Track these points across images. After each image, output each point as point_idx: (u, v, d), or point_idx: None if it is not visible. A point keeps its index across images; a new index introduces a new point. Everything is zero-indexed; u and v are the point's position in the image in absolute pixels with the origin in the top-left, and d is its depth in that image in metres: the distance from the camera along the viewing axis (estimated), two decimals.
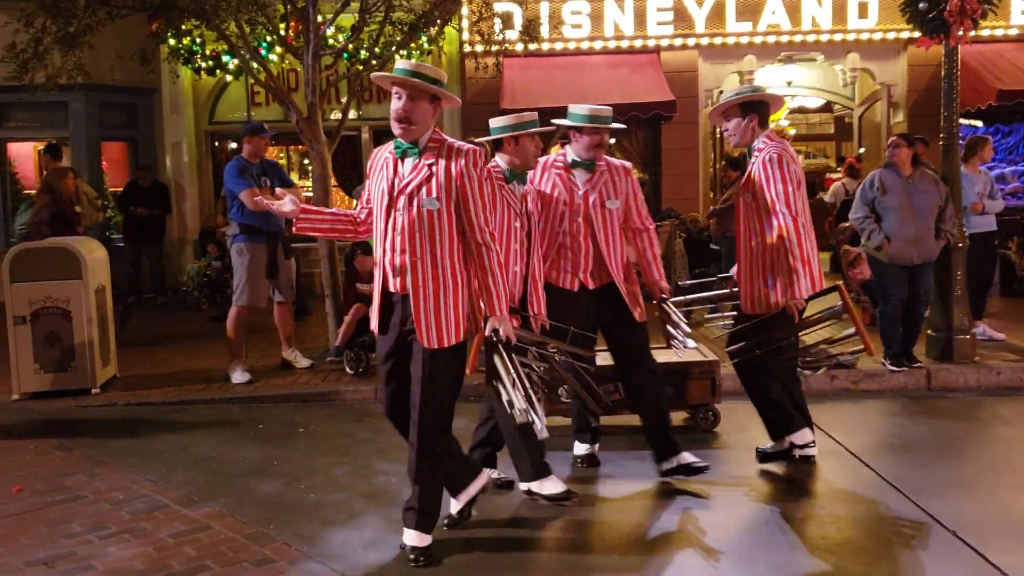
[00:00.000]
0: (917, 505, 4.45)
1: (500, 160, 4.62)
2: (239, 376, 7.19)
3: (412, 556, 3.90)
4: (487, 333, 3.80)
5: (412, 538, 3.93)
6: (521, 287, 4.57)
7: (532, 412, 3.73)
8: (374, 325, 4.00)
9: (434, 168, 3.78)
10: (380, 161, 3.94)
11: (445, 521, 4.25)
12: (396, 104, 3.80)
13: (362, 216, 4.10)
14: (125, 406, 6.82)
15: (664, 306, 4.98)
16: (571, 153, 4.86)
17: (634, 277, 4.92)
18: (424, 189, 3.77)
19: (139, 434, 6.11)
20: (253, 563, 3.95)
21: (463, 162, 3.78)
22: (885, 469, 5.01)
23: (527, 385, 3.76)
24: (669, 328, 4.99)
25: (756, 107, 4.97)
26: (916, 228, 6.81)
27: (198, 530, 4.34)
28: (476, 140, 6.38)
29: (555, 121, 4.92)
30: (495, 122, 4.68)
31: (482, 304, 3.85)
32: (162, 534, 4.29)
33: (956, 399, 6.62)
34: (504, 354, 3.77)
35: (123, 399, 6.93)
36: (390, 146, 3.91)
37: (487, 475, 4.31)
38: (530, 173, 4.75)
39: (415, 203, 3.77)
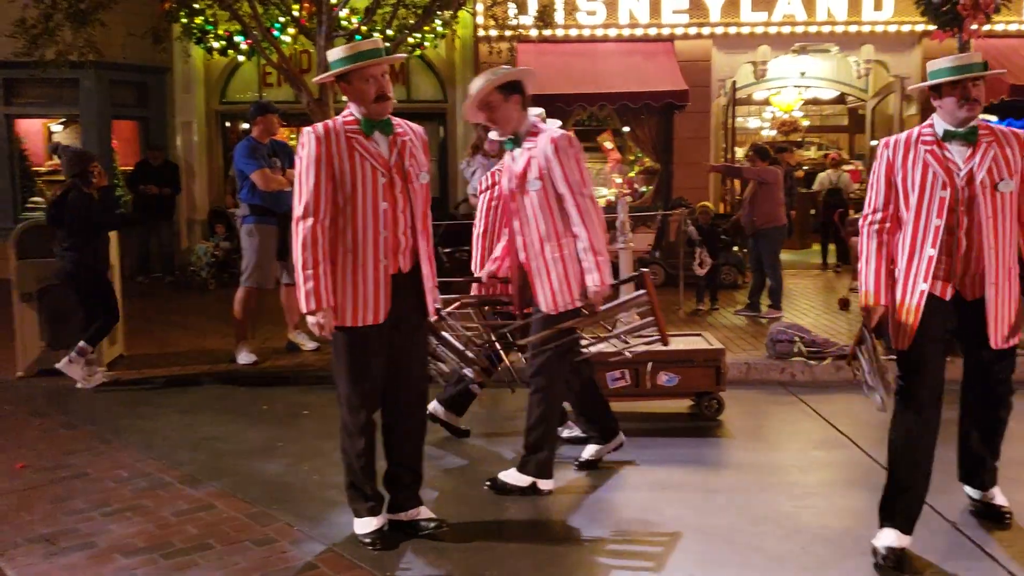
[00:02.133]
0: None
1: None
2: (245, 357, 7.20)
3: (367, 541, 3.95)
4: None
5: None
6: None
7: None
8: (372, 316, 3.80)
9: (412, 144, 3.91)
10: (341, 142, 3.73)
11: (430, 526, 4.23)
12: (379, 86, 3.81)
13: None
14: (131, 385, 6.85)
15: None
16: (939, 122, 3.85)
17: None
18: (417, 166, 3.89)
19: (144, 413, 6.13)
20: (255, 542, 3.97)
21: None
22: (885, 459, 4.98)
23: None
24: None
25: (515, 87, 4.33)
26: None
27: (200, 509, 4.35)
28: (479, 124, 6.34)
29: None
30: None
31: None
32: (164, 512, 4.31)
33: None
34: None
35: (129, 378, 6.96)
36: (338, 126, 3.77)
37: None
38: (887, 152, 3.87)
39: (413, 178, 3.86)
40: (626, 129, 13.15)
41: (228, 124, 13.60)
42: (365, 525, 3.96)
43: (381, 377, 3.92)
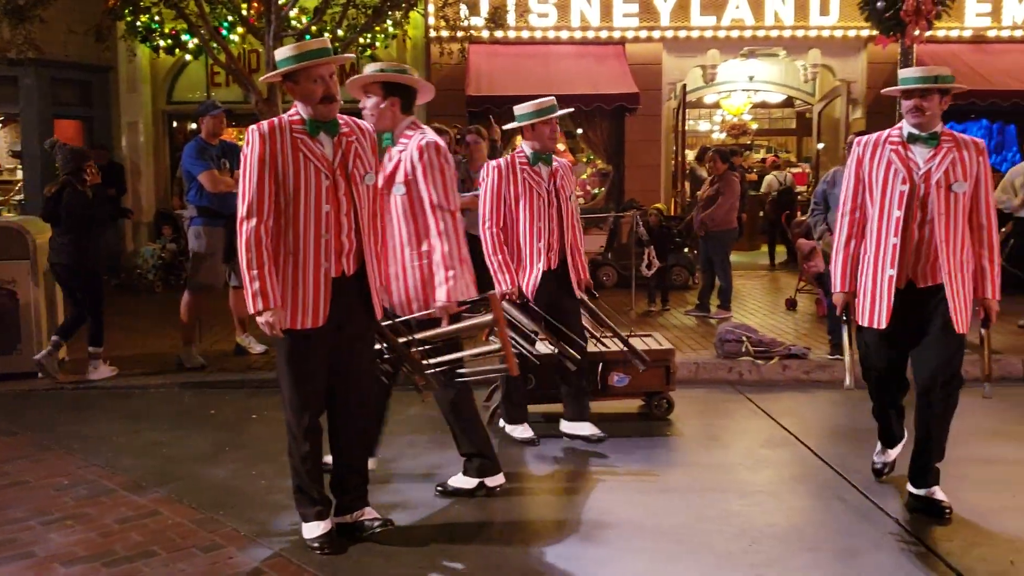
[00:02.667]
0: (863, 494, 4.52)
1: (524, 145, 5.22)
2: (192, 361, 7.08)
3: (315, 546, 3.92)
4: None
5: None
6: (556, 260, 5.16)
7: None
8: (312, 320, 3.75)
9: (358, 145, 3.87)
10: (285, 141, 3.70)
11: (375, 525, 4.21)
12: (327, 87, 3.76)
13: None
14: (73, 390, 6.69)
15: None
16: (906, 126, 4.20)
17: None
18: (362, 165, 3.83)
19: (87, 419, 6.00)
20: (201, 548, 3.90)
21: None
22: (833, 458, 5.07)
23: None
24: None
25: (400, 90, 4.27)
26: None
27: (145, 516, 4.27)
28: (438, 125, 6.38)
29: None
30: (518, 110, 5.20)
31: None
32: (107, 520, 4.22)
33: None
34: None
35: (71, 382, 6.80)
36: (283, 125, 3.72)
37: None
38: (858, 150, 4.25)
39: (358, 180, 3.82)
40: (579, 131, 13.23)
41: (175, 124, 13.39)
42: (313, 529, 3.92)
43: (325, 380, 3.88)
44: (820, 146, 14.27)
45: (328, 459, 4.10)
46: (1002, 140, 12.50)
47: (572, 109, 5.88)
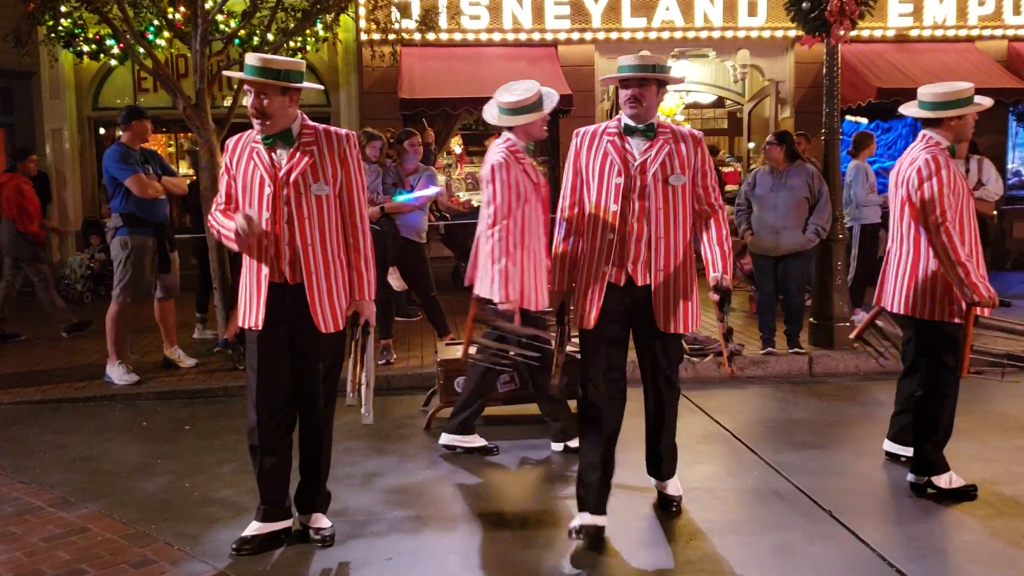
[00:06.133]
0: (796, 486, 4.61)
1: (512, 136, 4.87)
2: (121, 376, 6.85)
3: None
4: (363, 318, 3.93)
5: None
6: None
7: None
8: (253, 321, 3.84)
9: (315, 155, 3.80)
10: (244, 152, 3.84)
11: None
12: (251, 100, 3.76)
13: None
14: None
15: None
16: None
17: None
18: (310, 175, 3.78)
19: (12, 435, 5.82)
20: (132, 564, 3.81)
21: (345, 147, 3.87)
22: (767, 452, 5.17)
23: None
24: None
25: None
26: (776, 220, 7.08)
27: (73, 532, 4.15)
28: (370, 130, 6.27)
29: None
30: (499, 100, 4.83)
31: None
32: (33, 538, 4.09)
33: (837, 384, 6.90)
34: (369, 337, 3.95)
35: None
36: (251, 136, 3.85)
37: None
38: (576, 141, 4.16)
39: (303, 190, 3.77)
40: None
41: (103, 131, 13.05)
42: (248, 527, 3.97)
43: (280, 380, 3.91)
44: (751, 145, 14.52)
45: None
46: None
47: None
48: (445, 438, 5.25)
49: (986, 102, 4.43)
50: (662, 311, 3.97)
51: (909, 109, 4.55)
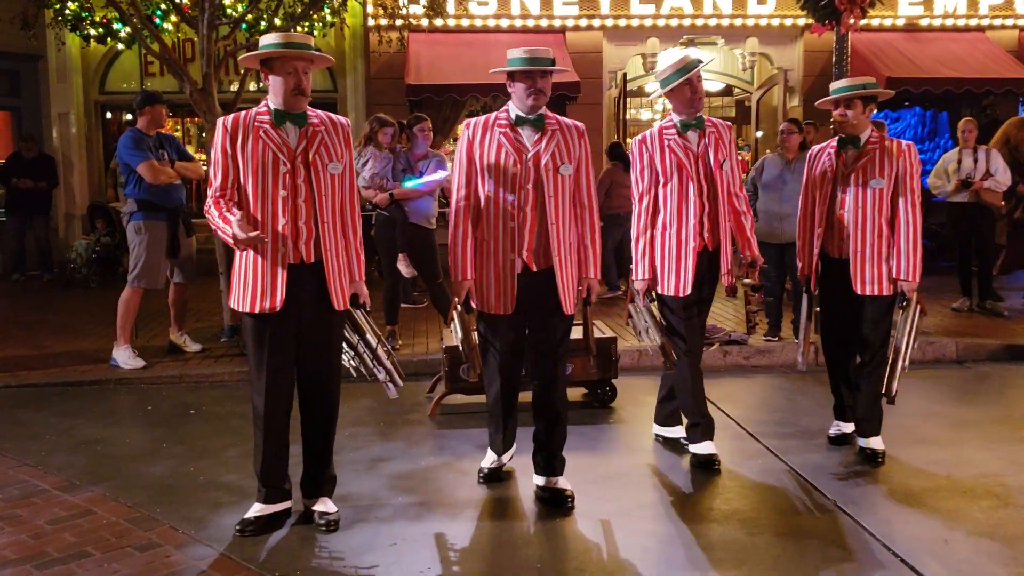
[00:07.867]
0: (801, 476, 4.60)
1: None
2: (128, 360, 6.85)
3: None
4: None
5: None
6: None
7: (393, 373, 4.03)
8: (269, 304, 3.79)
9: (326, 135, 3.87)
10: (248, 131, 3.78)
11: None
12: (298, 80, 3.78)
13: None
14: (4, 389, 6.49)
15: None
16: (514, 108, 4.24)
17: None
18: (326, 154, 3.83)
19: (18, 418, 5.83)
20: (137, 548, 3.82)
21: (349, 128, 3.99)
22: (772, 441, 5.16)
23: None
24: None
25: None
26: (782, 207, 7.05)
27: (78, 515, 4.16)
28: (382, 116, 6.19)
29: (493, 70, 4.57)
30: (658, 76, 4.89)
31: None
32: (39, 520, 4.10)
33: None
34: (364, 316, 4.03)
35: (2, 381, 6.60)
36: (253, 115, 3.81)
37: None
38: (467, 132, 4.25)
39: (320, 169, 3.81)
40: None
41: (109, 115, 13.05)
42: (251, 509, 4.00)
43: (286, 366, 3.91)
44: (759, 134, 14.46)
45: None
46: (935, 127, 12.77)
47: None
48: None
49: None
50: (561, 294, 4.14)
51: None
